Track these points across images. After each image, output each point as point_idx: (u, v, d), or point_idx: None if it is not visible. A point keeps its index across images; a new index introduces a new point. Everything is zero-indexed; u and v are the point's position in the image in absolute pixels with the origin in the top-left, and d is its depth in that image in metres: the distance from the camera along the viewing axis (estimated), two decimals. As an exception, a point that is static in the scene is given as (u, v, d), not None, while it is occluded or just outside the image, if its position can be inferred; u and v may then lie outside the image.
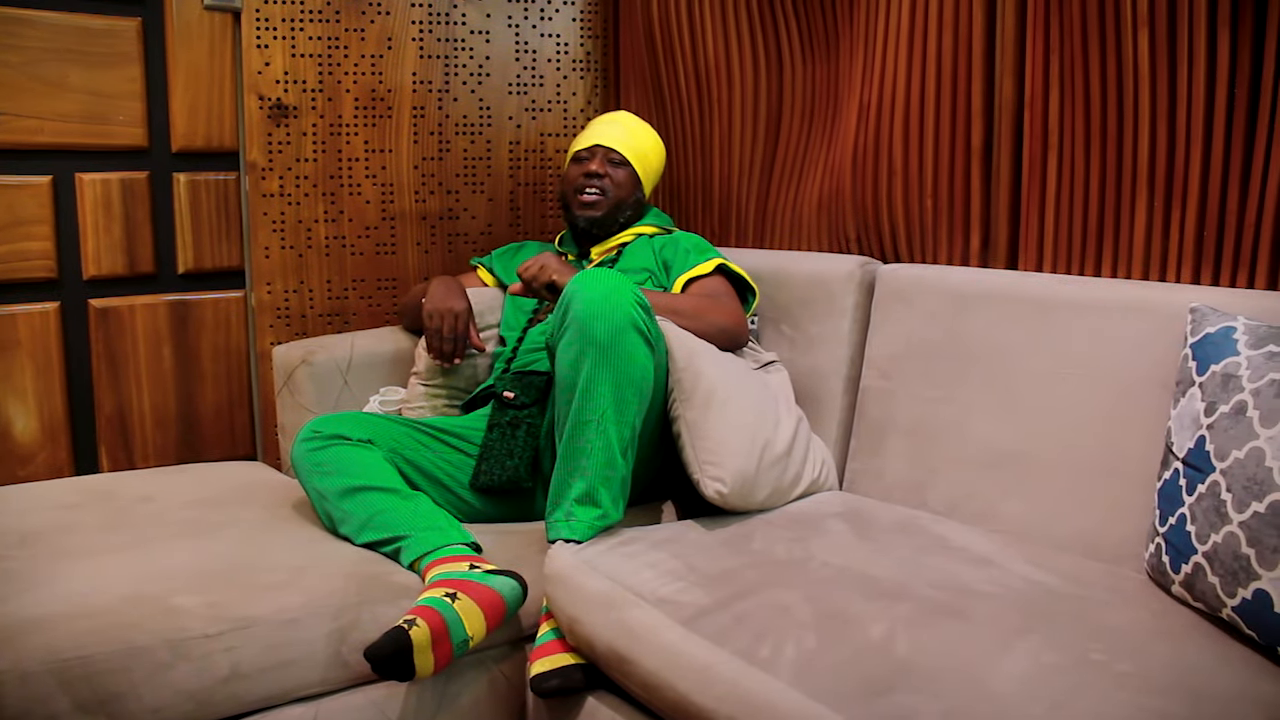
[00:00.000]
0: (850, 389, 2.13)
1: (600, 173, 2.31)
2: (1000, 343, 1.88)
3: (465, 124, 2.72)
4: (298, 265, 2.57)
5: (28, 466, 2.56)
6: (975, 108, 2.03)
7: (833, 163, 2.33)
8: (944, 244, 2.13)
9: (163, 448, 2.74)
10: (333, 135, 2.58)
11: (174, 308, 2.71)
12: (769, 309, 2.28)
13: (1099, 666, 1.26)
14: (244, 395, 2.81)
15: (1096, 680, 1.23)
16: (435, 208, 2.71)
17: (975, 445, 1.87)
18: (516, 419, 2.01)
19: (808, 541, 1.69)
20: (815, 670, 1.28)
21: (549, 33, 2.78)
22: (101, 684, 1.43)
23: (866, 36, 2.22)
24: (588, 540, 1.68)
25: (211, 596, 1.58)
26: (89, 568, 1.67)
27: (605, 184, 2.32)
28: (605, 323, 1.68)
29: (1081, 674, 1.24)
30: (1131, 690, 1.21)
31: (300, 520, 1.93)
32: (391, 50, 2.61)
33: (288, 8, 2.49)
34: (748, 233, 2.59)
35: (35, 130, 2.49)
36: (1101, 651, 1.29)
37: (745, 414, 1.83)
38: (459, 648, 1.60)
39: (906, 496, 1.95)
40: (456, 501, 2.02)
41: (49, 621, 1.48)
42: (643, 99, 2.80)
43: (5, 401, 2.52)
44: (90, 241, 2.59)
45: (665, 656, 1.37)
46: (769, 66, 2.49)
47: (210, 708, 1.51)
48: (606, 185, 2.32)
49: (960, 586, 1.50)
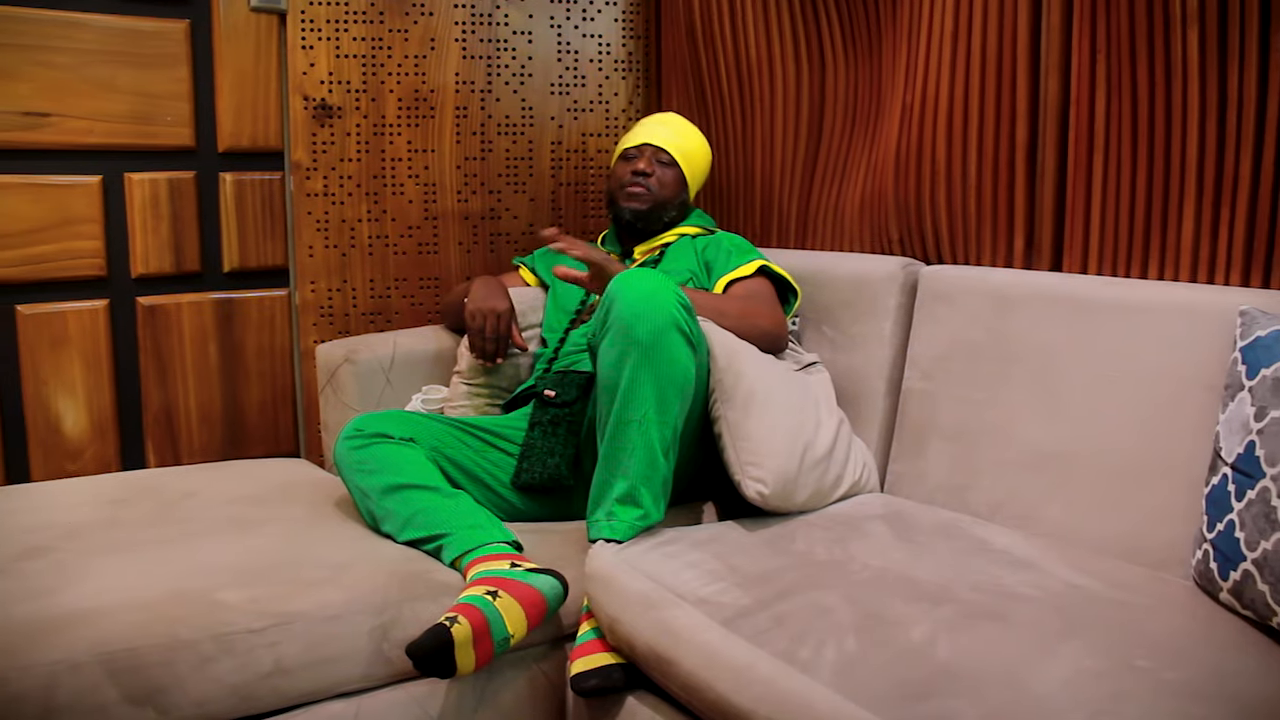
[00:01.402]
0: (892, 390, 2.12)
1: (648, 171, 2.32)
2: (1044, 344, 1.86)
3: (507, 124, 2.74)
4: (341, 264, 2.60)
5: (77, 461, 2.61)
6: (1020, 107, 2.01)
7: (875, 163, 2.32)
8: (987, 245, 2.11)
9: (208, 444, 2.77)
10: (376, 135, 2.60)
11: (219, 306, 2.75)
12: (810, 310, 2.27)
13: (1143, 673, 1.24)
14: (287, 393, 2.84)
15: (1140, 687, 1.21)
16: (477, 207, 2.73)
17: (1018, 448, 1.86)
18: (557, 417, 2.01)
19: (848, 543, 1.69)
20: (855, 672, 1.27)
21: (591, 33, 2.79)
22: (148, 676, 1.45)
23: (909, 35, 2.21)
24: (628, 540, 1.69)
25: (255, 592, 1.59)
26: (135, 562, 1.69)
27: (651, 182, 2.32)
28: (648, 323, 1.68)
29: (1124, 680, 1.23)
30: (1176, 698, 1.19)
31: (343, 517, 1.95)
32: (435, 51, 2.63)
33: (332, 9, 2.52)
34: (789, 233, 2.58)
35: (86, 131, 2.53)
36: (1145, 658, 1.28)
37: (786, 415, 1.82)
38: (500, 645, 1.61)
39: (948, 499, 1.94)
40: (498, 500, 2.03)
41: (97, 614, 1.50)
42: (684, 99, 2.80)
43: (55, 397, 2.56)
44: (139, 240, 2.63)
45: (705, 657, 1.37)
46: (811, 66, 2.48)
47: (253, 702, 1.53)
48: (653, 184, 2.32)
49: (1002, 590, 1.49)
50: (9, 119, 2.44)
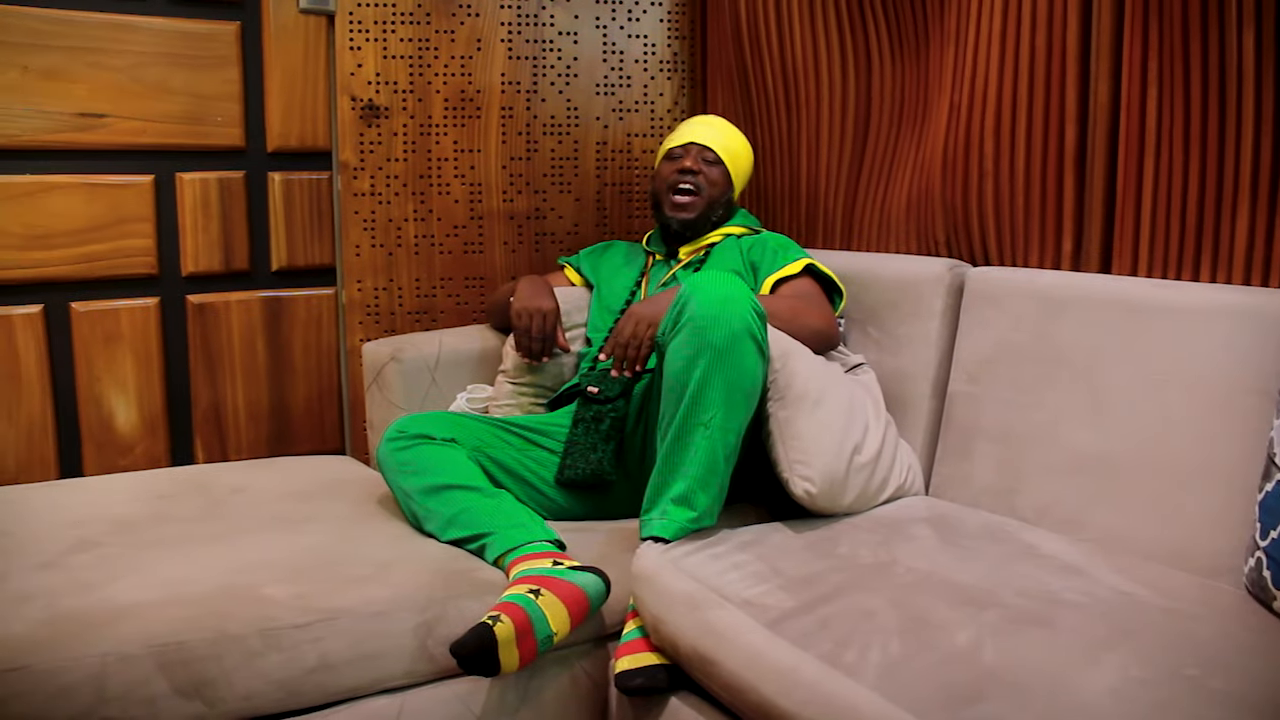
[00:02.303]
0: (938, 393, 2.10)
1: (695, 169, 2.31)
2: (1092, 347, 1.84)
3: (553, 124, 2.75)
4: (387, 263, 2.62)
5: (128, 456, 2.65)
6: (1069, 108, 1.99)
7: (922, 164, 2.31)
8: (1035, 247, 2.09)
9: (254, 441, 2.81)
10: (423, 135, 2.62)
11: (267, 304, 2.78)
12: (856, 311, 2.26)
13: (1191, 682, 1.23)
14: (333, 391, 2.87)
15: (1188, 697, 1.20)
16: (523, 207, 2.74)
17: (1065, 451, 1.84)
18: (600, 414, 2.02)
19: (893, 546, 1.68)
20: (900, 676, 1.27)
21: (636, 34, 2.80)
22: (197, 669, 1.47)
23: (957, 36, 2.19)
24: (676, 539, 1.69)
25: (301, 588, 1.61)
26: (184, 556, 1.72)
27: (699, 180, 2.31)
28: (723, 328, 1.66)
29: (1173, 689, 1.21)
30: (1225, 709, 1.17)
31: (387, 515, 1.96)
32: (481, 51, 2.65)
33: (380, 10, 2.54)
34: (835, 234, 2.57)
35: (139, 131, 2.57)
36: (1194, 666, 1.26)
37: (837, 415, 1.81)
38: (543, 644, 1.61)
39: (994, 503, 1.93)
40: (541, 498, 2.03)
41: (147, 607, 1.52)
42: (730, 99, 2.79)
43: (108, 393, 2.61)
44: (189, 239, 2.67)
45: (749, 658, 1.37)
46: (857, 66, 2.47)
47: (299, 697, 1.55)
48: (700, 182, 2.31)
49: (1048, 595, 1.47)
50: (65, 120, 2.49)
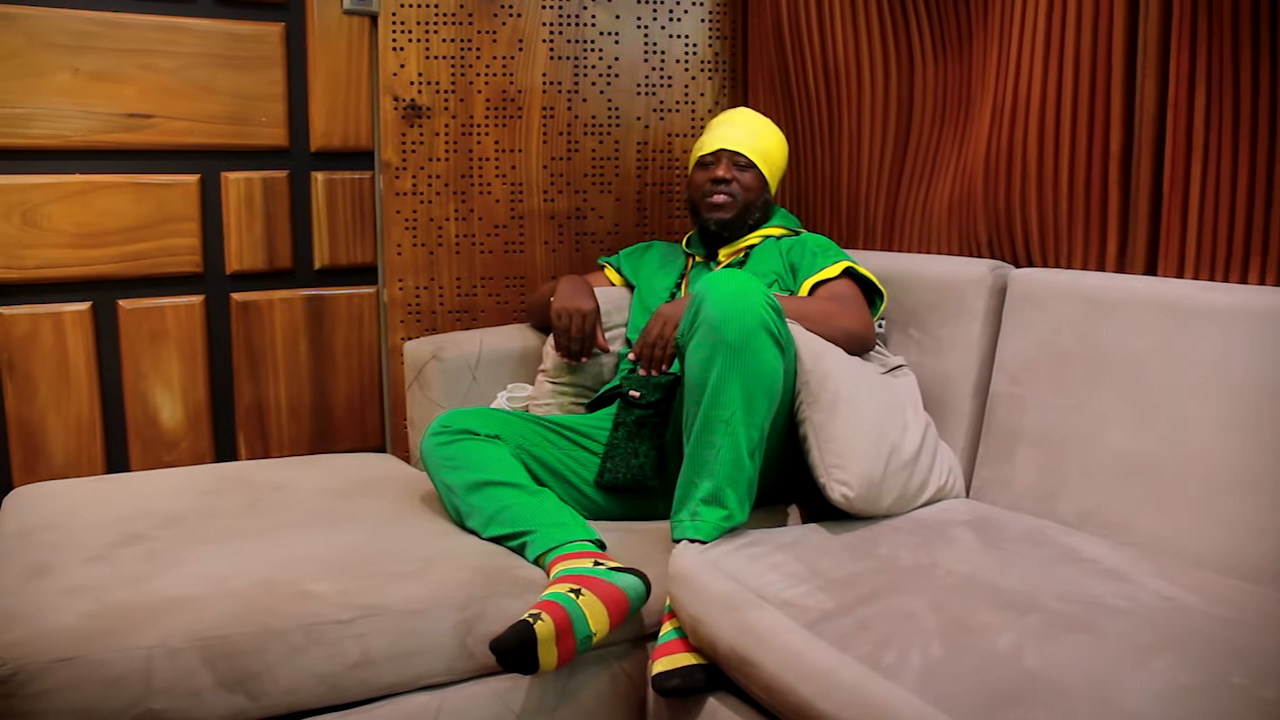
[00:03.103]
0: (979, 395, 2.09)
1: (727, 178, 2.29)
2: (1137, 350, 1.82)
3: (594, 124, 2.75)
4: (429, 262, 2.63)
5: (173, 452, 2.68)
6: (1115, 109, 1.97)
7: (964, 164, 2.29)
8: (1079, 248, 2.07)
9: (296, 438, 2.83)
10: (464, 135, 2.63)
11: (310, 302, 2.81)
12: (897, 312, 2.25)
13: (1240, 691, 1.21)
14: (375, 389, 2.89)
15: (1236, 706, 1.18)
16: (563, 207, 2.75)
17: (1109, 455, 1.82)
18: (642, 418, 2.02)
19: (934, 548, 1.67)
20: (940, 679, 1.26)
21: (678, 34, 2.79)
22: (241, 663, 1.49)
23: (1001, 35, 2.18)
24: (712, 541, 1.69)
25: (343, 584, 1.63)
26: (227, 551, 1.74)
27: (733, 189, 2.29)
28: (736, 324, 1.68)
29: (1220, 698, 1.20)
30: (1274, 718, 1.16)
31: (428, 512, 1.98)
32: (522, 52, 2.66)
33: (422, 11, 2.55)
34: (876, 235, 2.56)
35: (186, 131, 2.60)
36: (1242, 675, 1.24)
37: (872, 416, 1.81)
38: (582, 643, 1.62)
39: (1035, 506, 1.91)
40: (581, 499, 2.04)
41: (192, 601, 1.54)
42: (771, 99, 2.79)
43: (154, 390, 2.64)
44: (233, 238, 2.69)
45: (788, 660, 1.37)
46: (900, 66, 2.46)
47: (340, 692, 1.56)
48: (735, 190, 2.29)
49: (1091, 600, 1.46)
50: (115, 121, 2.52)
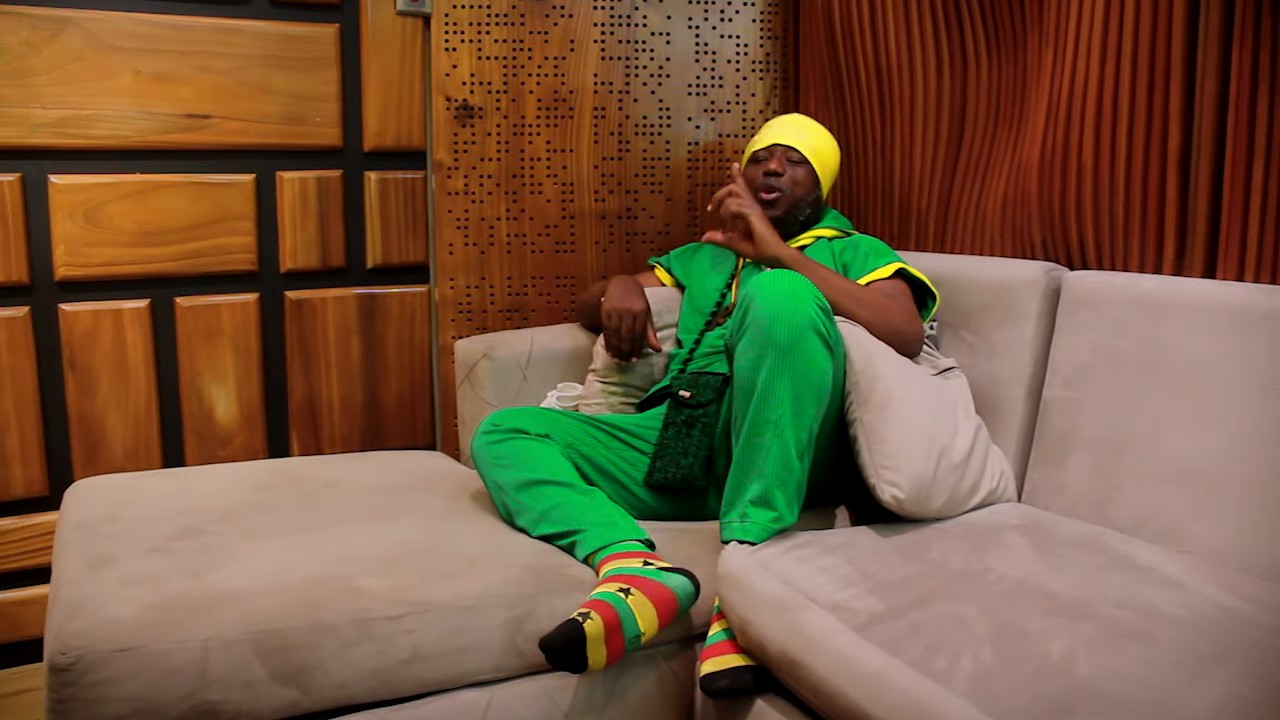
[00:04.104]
0: (1032, 398, 2.07)
1: (779, 170, 2.30)
2: (1195, 354, 1.79)
3: (645, 124, 2.76)
4: (480, 262, 2.65)
5: (227, 448, 2.72)
6: (1174, 108, 1.94)
7: (1018, 164, 2.27)
8: (1135, 250, 2.04)
9: (348, 435, 2.86)
10: (516, 135, 2.64)
11: (362, 301, 2.83)
12: (949, 314, 2.24)
13: (1300, 701, 1.20)
14: (425, 387, 2.91)
15: (1297, 715, 1.17)
16: (614, 207, 2.75)
17: (1165, 461, 1.79)
18: (692, 418, 2.02)
19: (985, 553, 1.65)
20: (992, 685, 1.25)
21: (729, 34, 2.79)
22: (294, 657, 1.51)
23: (1056, 34, 2.15)
24: (761, 542, 1.68)
25: (394, 580, 1.64)
26: (281, 546, 1.76)
27: (784, 182, 2.30)
28: (785, 325, 1.67)
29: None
30: (1336, 728, 1.14)
31: (478, 510, 1.99)
32: (574, 52, 2.66)
33: (475, 12, 2.57)
34: (928, 236, 2.54)
35: (242, 132, 2.63)
36: (1303, 685, 1.23)
37: (923, 418, 1.79)
38: (630, 643, 1.62)
39: (1088, 511, 1.89)
40: (630, 498, 2.04)
41: (246, 595, 1.56)
42: (822, 99, 2.78)
43: (209, 386, 2.68)
44: (288, 237, 2.72)
45: (837, 662, 1.37)
46: (953, 66, 2.44)
47: (391, 687, 1.58)
48: (785, 183, 2.30)
49: (1146, 608, 1.44)
50: (173, 121, 2.56)
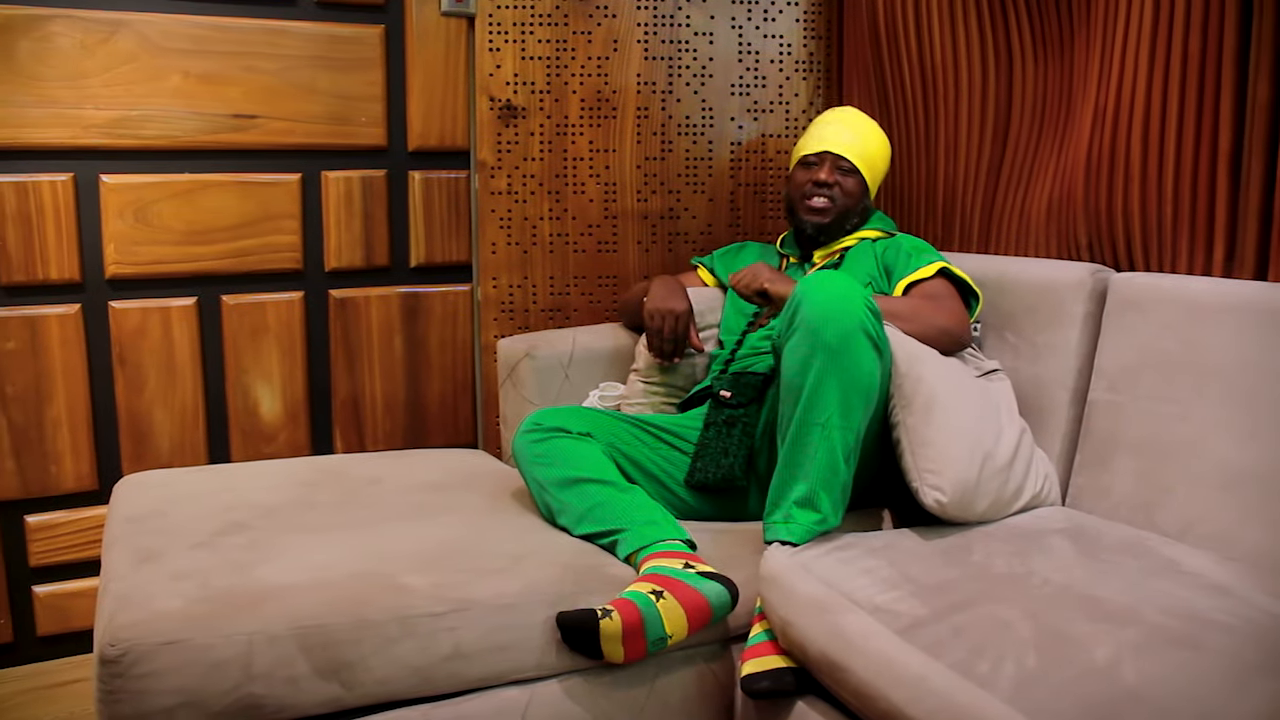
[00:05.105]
0: (1077, 401, 2.05)
1: (830, 181, 2.26)
2: (1244, 357, 1.77)
3: (688, 124, 2.76)
4: (522, 261, 2.66)
5: (272, 444, 2.75)
6: (1224, 109, 1.92)
7: (1064, 166, 2.25)
8: (1183, 253, 2.02)
9: (390, 432, 2.88)
10: (559, 135, 2.65)
11: (405, 300, 2.85)
12: (993, 316, 2.22)
13: (1351, 711, 1.18)
14: (467, 385, 2.93)
15: (1349, 725, 1.15)
16: (657, 207, 2.75)
17: (1212, 465, 1.77)
18: (733, 418, 2.02)
19: (1029, 557, 1.64)
20: (1035, 691, 1.24)
21: (772, 34, 2.78)
22: (337, 652, 1.52)
23: (1104, 35, 2.13)
24: (804, 543, 1.68)
25: (436, 578, 1.65)
26: (325, 542, 1.78)
27: (835, 193, 2.27)
28: (835, 326, 1.67)
29: (1331, 717, 1.17)
30: (1388, 738, 1.12)
31: (520, 509, 2.00)
32: (617, 52, 2.67)
33: (519, 12, 2.58)
34: (972, 237, 2.52)
35: (288, 131, 2.66)
36: (1354, 695, 1.21)
37: (966, 421, 1.78)
38: (654, 645, 1.62)
39: (1134, 516, 1.87)
40: (671, 498, 2.04)
41: (290, 590, 1.58)
42: (866, 100, 2.76)
43: (255, 383, 2.71)
44: (332, 236, 2.75)
45: (879, 665, 1.36)
46: (998, 66, 2.42)
47: (432, 684, 1.59)
48: (836, 194, 2.27)
49: (1193, 615, 1.42)
50: (221, 121, 2.59)
